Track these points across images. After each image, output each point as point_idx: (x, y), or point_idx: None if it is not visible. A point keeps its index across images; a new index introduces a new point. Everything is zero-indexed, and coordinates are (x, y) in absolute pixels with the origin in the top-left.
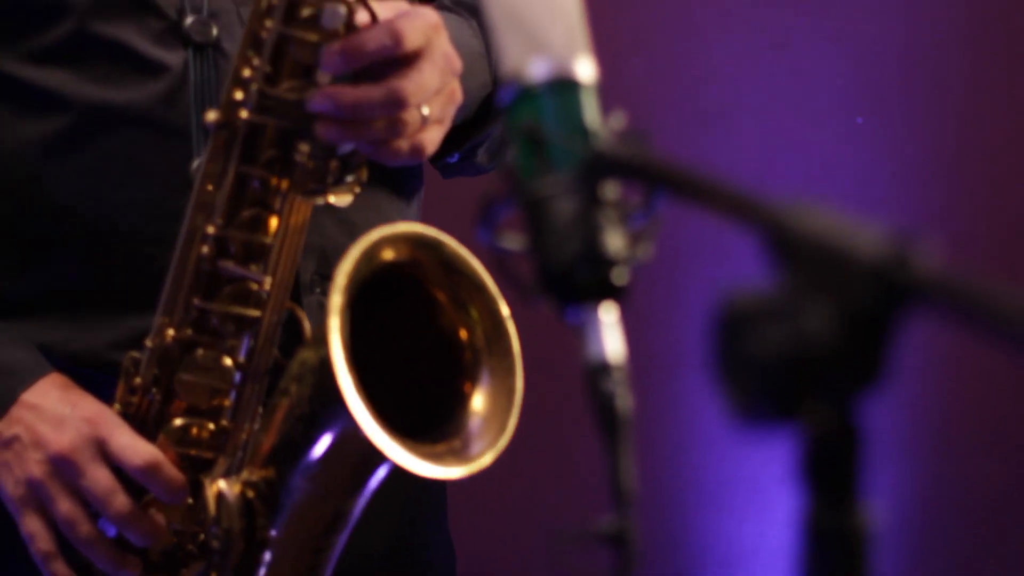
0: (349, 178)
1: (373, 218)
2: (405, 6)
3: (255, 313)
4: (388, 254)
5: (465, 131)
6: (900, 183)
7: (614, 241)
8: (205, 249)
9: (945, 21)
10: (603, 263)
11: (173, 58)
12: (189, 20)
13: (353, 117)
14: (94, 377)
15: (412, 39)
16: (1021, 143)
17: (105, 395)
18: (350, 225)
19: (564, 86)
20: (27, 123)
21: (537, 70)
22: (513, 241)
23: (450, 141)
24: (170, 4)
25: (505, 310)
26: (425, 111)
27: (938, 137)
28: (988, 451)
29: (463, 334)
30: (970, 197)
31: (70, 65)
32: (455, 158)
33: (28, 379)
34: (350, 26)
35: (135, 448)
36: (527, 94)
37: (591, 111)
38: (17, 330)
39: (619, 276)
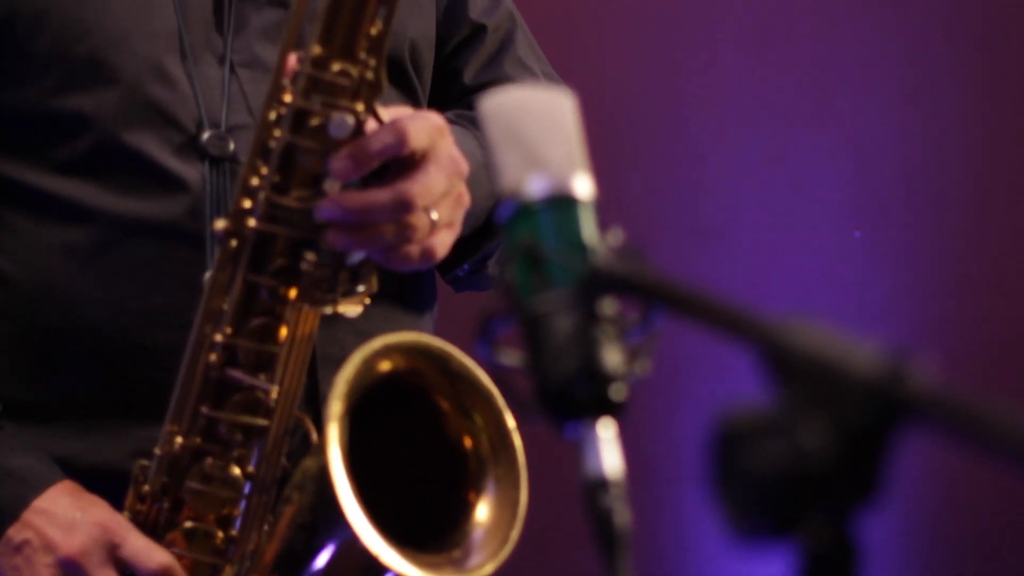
0: (360, 288)
1: (389, 331)
2: (410, 111)
3: (263, 422)
4: (390, 362)
5: (474, 241)
6: (898, 297)
7: (612, 357)
8: (213, 357)
9: (942, 134)
10: (601, 379)
11: (191, 171)
12: (207, 135)
13: (361, 222)
14: (107, 486)
15: (417, 139)
16: (1019, 257)
17: (117, 503)
18: (367, 337)
19: (562, 203)
20: (48, 232)
21: (535, 187)
22: (512, 357)
23: (460, 252)
24: (190, 118)
25: (511, 421)
26: (434, 215)
27: (936, 251)
28: (983, 566)
29: (468, 442)
30: (969, 311)
31: (92, 176)
32: (465, 270)
33: (39, 486)
34: (358, 135)
35: (149, 553)
36: (525, 211)
37: (589, 228)
38: (30, 437)
39: (617, 392)
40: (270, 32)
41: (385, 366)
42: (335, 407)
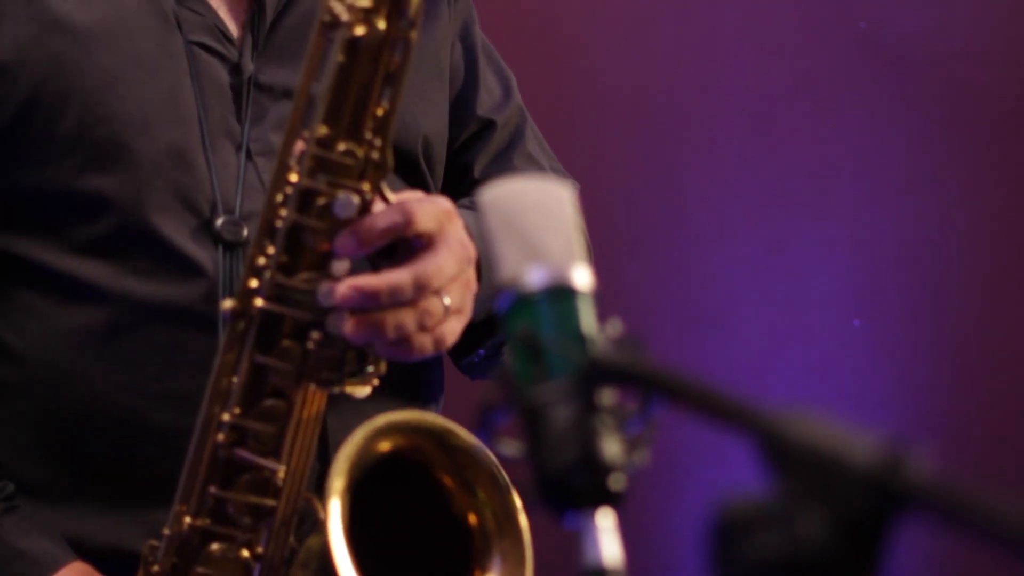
0: (369, 369)
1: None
2: (420, 195)
3: (271, 502)
4: (392, 440)
5: (487, 327)
6: (898, 386)
7: (611, 447)
8: (221, 437)
9: (941, 224)
10: (600, 469)
11: (206, 256)
12: (221, 220)
13: (373, 306)
14: (120, 567)
15: (424, 221)
16: (1018, 347)
17: None
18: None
19: (561, 294)
20: (65, 314)
21: (534, 277)
22: (511, 447)
23: (473, 338)
24: (206, 202)
25: (517, 501)
26: (447, 300)
27: (935, 340)
28: None
29: (472, 519)
30: (968, 400)
31: (109, 258)
32: (481, 355)
33: (52, 568)
34: (364, 215)
35: None
36: (524, 301)
37: (588, 318)
38: (44, 517)
39: (616, 482)
40: (286, 124)
41: (387, 444)
42: (336, 483)
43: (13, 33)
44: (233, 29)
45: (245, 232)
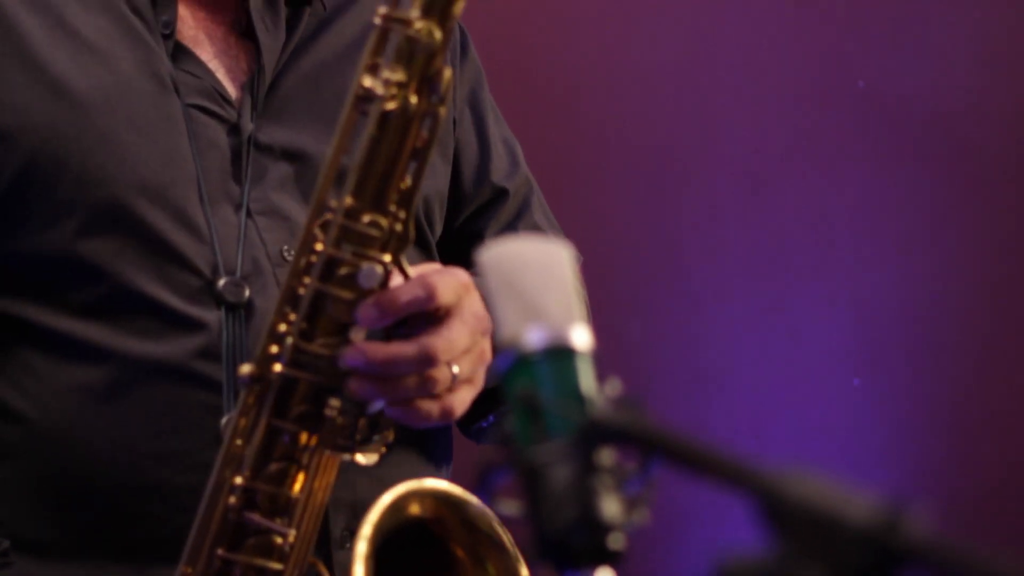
0: (376, 437)
1: (404, 479)
2: (439, 266)
3: (278, 566)
4: (414, 508)
5: (498, 395)
6: (897, 445)
7: (610, 507)
8: (232, 500)
9: (940, 283)
10: (599, 529)
11: (207, 316)
12: (223, 281)
13: (384, 373)
14: None
15: (444, 295)
16: (1017, 404)
17: None
18: (381, 483)
19: (560, 354)
20: (65, 373)
21: (533, 338)
22: (511, 507)
23: (484, 405)
24: (206, 264)
25: (524, 571)
26: (455, 369)
27: (935, 399)
28: None
29: None
30: (967, 459)
31: (109, 319)
32: (488, 422)
33: None
34: (385, 286)
35: None
36: (524, 361)
37: (587, 378)
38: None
39: (615, 541)
40: (286, 184)
41: (412, 509)
42: (360, 547)
43: (11, 98)
44: (232, 91)
45: (247, 292)
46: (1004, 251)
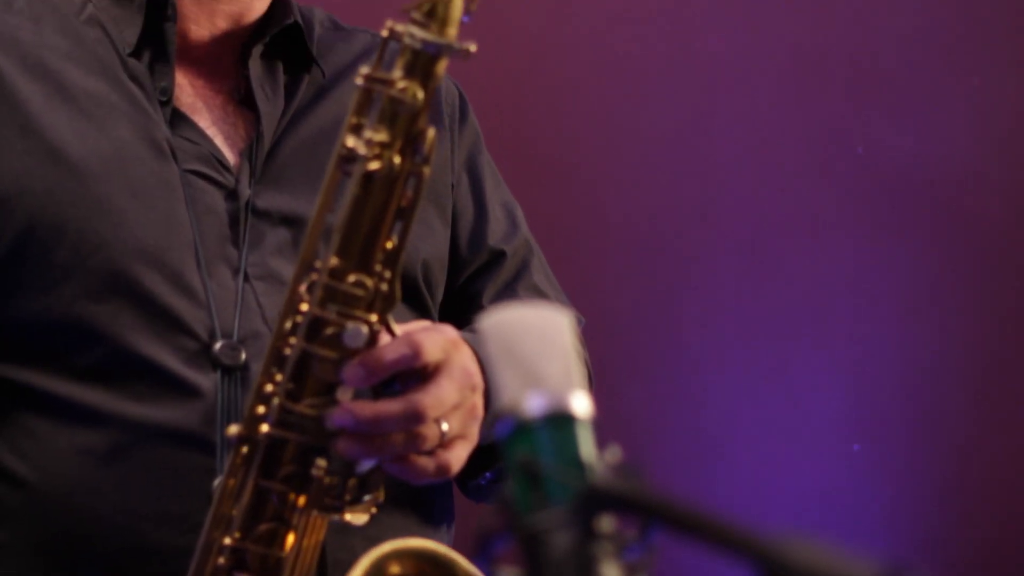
0: (367, 497)
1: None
2: (426, 324)
3: None
4: (396, 568)
5: (494, 452)
6: (898, 511)
7: (610, 574)
8: (222, 560)
9: (940, 348)
10: None
11: (204, 380)
12: (219, 345)
13: (371, 431)
14: None
15: (430, 352)
16: (1017, 471)
17: None
18: (378, 543)
19: (560, 421)
20: (65, 436)
21: (533, 404)
22: (511, 573)
23: (480, 461)
24: (203, 327)
25: None
26: (444, 426)
27: (935, 465)
28: None
29: None
30: (967, 525)
31: (107, 383)
32: (488, 478)
33: None
34: (371, 345)
35: None
36: (523, 428)
37: (587, 445)
38: None
39: None
40: (284, 249)
41: (393, 570)
42: None
43: (10, 164)
44: (230, 157)
45: (243, 356)
46: (1002, 319)
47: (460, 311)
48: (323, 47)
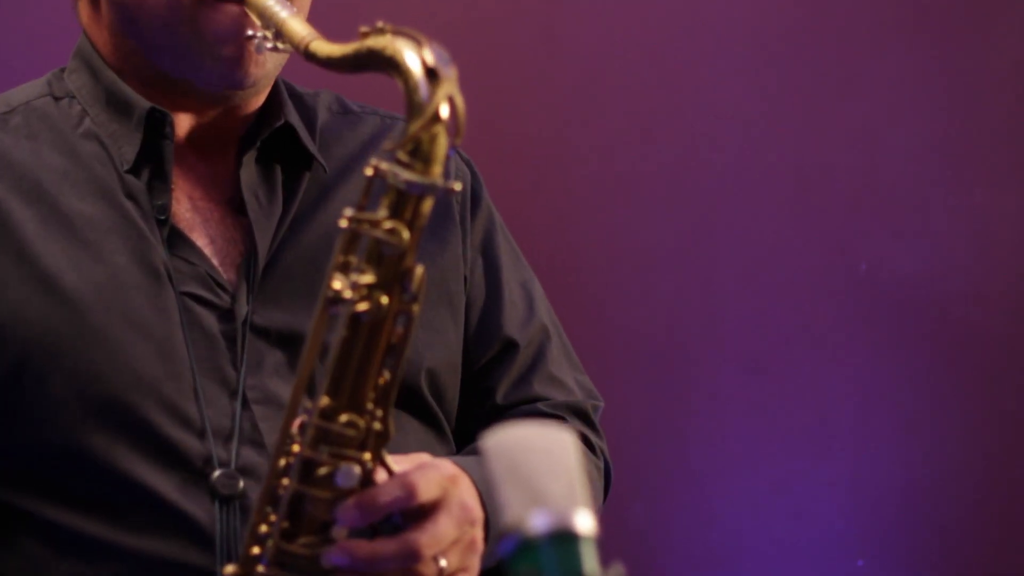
0: None
1: None
2: (424, 458)
3: None
4: None
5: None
6: None
7: None
8: None
9: (943, 463)
10: None
11: (202, 510)
12: (217, 474)
13: (368, 571)
14: None
15: (426, 491)
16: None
17: None
18: None
19: (564, 539)
20: (65, 565)
21: (537, 522)
22: None
23: None
24: (200, 456)
25: None
26: (442, 563)
27: None
28: None
29: None
30: None
31: (105, 513)
32: None
33: None
34: (366, 484)
35: None
36: (528, 546)
37: (591, 563)
38: None
39: None
40: (283, 370)
41: None
42: None
43: (4, 294)
44: (227, 275)
45: (241, 484)
46: (1004, 434)
47: (473, 409)
48: (328, 137)
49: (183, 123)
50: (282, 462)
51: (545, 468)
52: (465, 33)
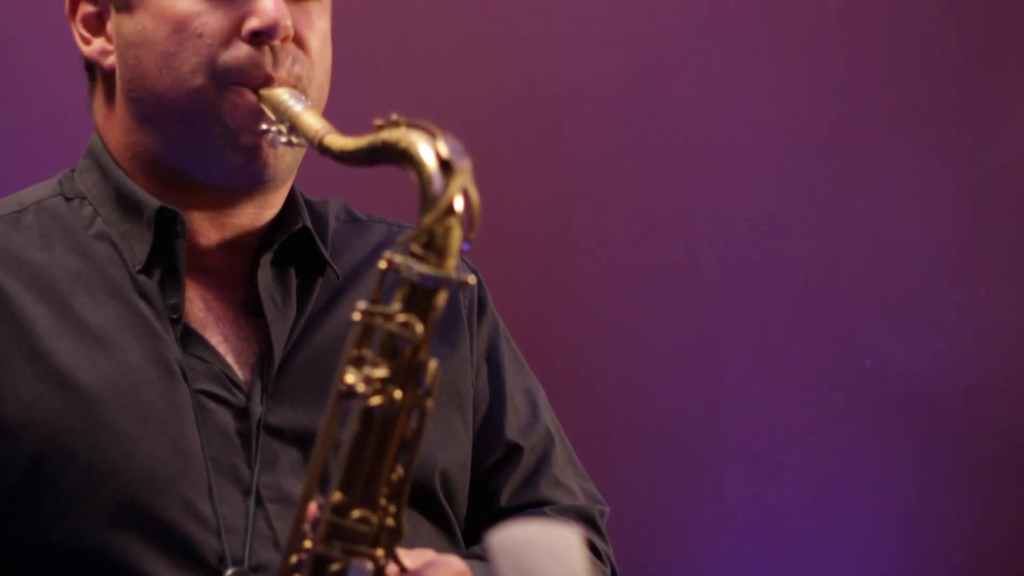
0: None
1: None
2: (431, 554)
3: None
4: None
5: None
6: None
7: None
8: None
9: (948, 557)
10: None
11: None
12: (229, 572)
13: None
14: None
15: None
16: None
17: None
18: None
19: None
20: None
21: None
22: None
23: None
24: (213, 554)
25: None
26: None
27: None
28: None
29: None
30: None
31: None
32: None
33: None
34: None
35: None
36: None
37: None
38: None
39: None
40: (297, 468)
41: None
42: None
43: (18, 392)
44: (241, 373)
45: None
46: (1011, 527)
47: (477, 512)
48: (338, 244)
49: (195, 222)
50: (294, 559)
51: (549, 565)
52: (470, 128)
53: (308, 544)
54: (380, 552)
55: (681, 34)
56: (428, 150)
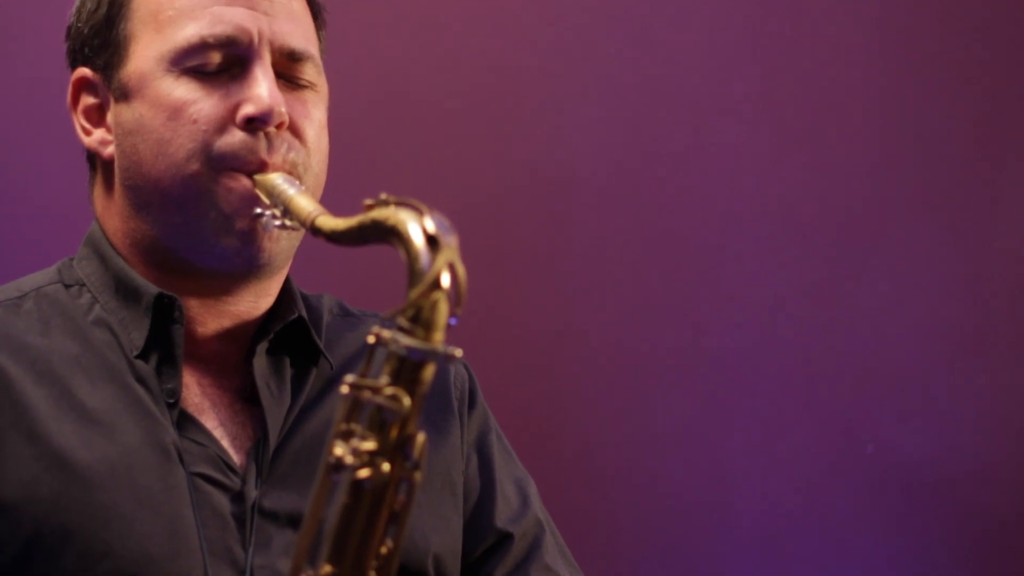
0: None
1: None
2: None
3: None
4: None
5: None
6: None
7: None
8: None
9: None
10: None
11: None
12: None
13: None
14: None
15: None
16: None
17: None
18: None
19: None
20: None
21: None
22: None
23: None
24: None
25: None
26: None
27: None
28: None
29: None
30: None
31: None
32: None
33: None
34: None
35: None
36: None
37: None
38: None
39: None
40: (291, 550)
41: None
42: None
43: (16, 473)
44: (237, 458)
45: None
46: None
47: None
48: (332, 336)
49: (193, 309)
50: None
51: None
52: (472, 214)
53: None
54: None
55: (684, 118)
56: (415, 227)
